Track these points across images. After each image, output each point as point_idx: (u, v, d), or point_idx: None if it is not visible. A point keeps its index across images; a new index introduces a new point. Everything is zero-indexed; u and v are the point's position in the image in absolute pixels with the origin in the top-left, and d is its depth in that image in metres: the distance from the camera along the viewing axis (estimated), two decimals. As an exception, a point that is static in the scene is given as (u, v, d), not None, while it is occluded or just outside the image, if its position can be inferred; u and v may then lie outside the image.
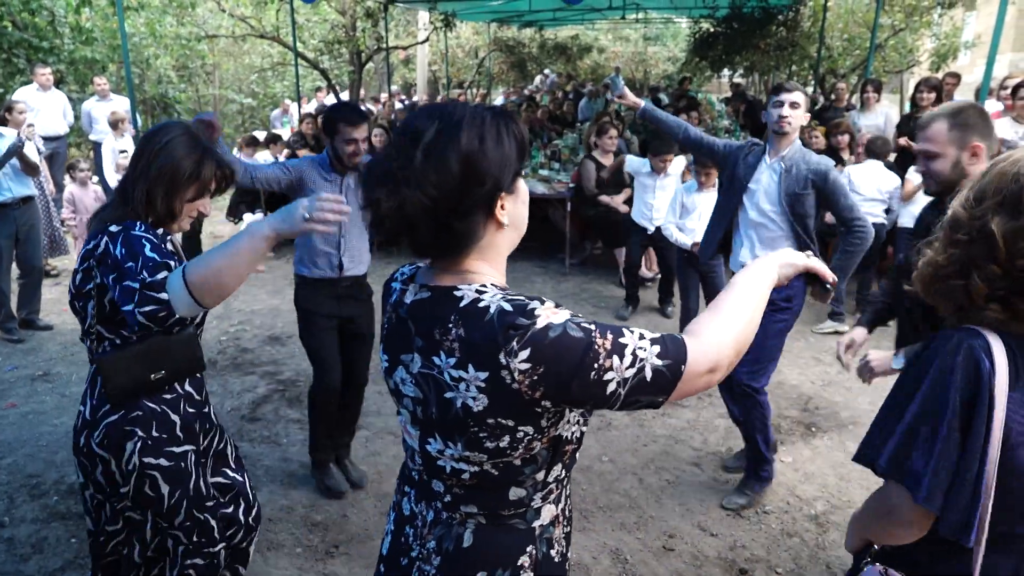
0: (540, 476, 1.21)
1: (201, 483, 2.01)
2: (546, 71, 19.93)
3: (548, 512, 1.26)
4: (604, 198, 6.12)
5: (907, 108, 8.79)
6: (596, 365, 1.05)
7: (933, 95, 6.28)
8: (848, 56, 12.36)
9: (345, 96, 13.98)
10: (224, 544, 2.11)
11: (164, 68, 12.55)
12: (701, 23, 11.80)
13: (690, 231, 4.63)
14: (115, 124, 6.98)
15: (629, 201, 5.90)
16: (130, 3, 10.12)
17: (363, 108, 3.26)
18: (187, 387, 2.01)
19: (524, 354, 1.05)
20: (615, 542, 2.95)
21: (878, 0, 9.01)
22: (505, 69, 19.50)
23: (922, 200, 5.27)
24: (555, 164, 7.88)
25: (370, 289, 3.24)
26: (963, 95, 8.15)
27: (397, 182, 1.06)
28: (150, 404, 1.92)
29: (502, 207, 1.13)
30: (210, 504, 2.04)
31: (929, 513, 1.19)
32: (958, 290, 1.23)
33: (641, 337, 1.09)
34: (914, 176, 5.35)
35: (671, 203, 4.82)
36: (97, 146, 8.20)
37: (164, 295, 1.59)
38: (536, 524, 1.25)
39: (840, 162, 6.52)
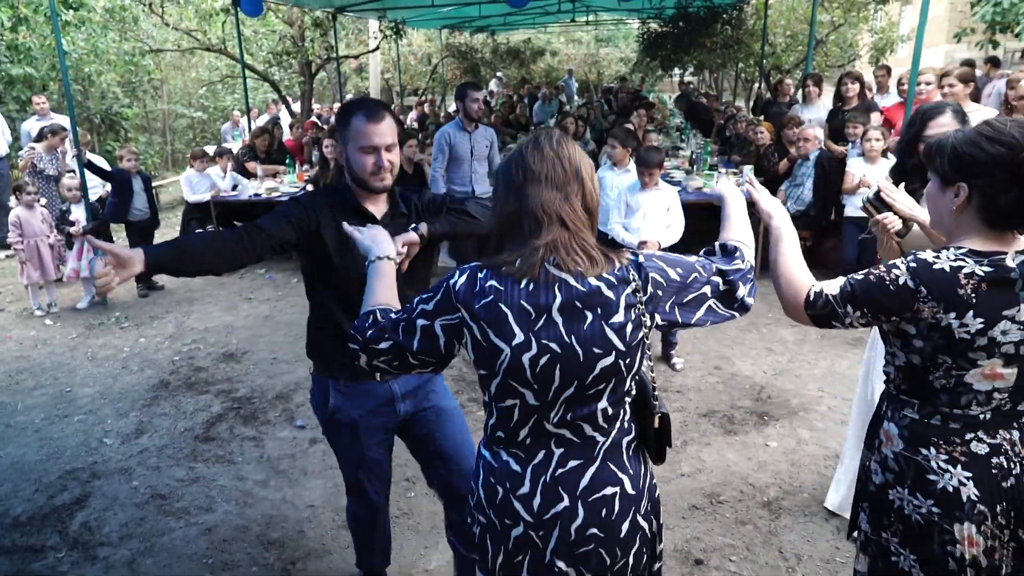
0: None
1: None
2: (498, 74, 19.99)
3: None
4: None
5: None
6: None
7: (857, 86, 6.49)
8: (791, 52, 12.65)
9: (297, 108, 13.84)
10: None
11: (108, 84, 12.26)
12: (649, 24, 11.97)
13: (635, 230, 4.64)
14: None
15: None
16: (69, 19, 9.88)
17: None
18: None
19: None
20: (573, 541, 2.97)
21: (815, -4, 9.25)
22: (459, 75, 19.49)
23: (864, 192, 5.43)
24: (509, 168, 7.90)
25: None
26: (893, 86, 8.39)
27: None
28: None
29: None
30: None
31: None
32: None
33: None
34: (854, 168, 5.51)
35: (615, 202, 4.79)
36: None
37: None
38: None
39: (786, 155, 6.68)
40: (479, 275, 1.42)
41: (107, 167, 6.72)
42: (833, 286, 1.66)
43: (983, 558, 1.57)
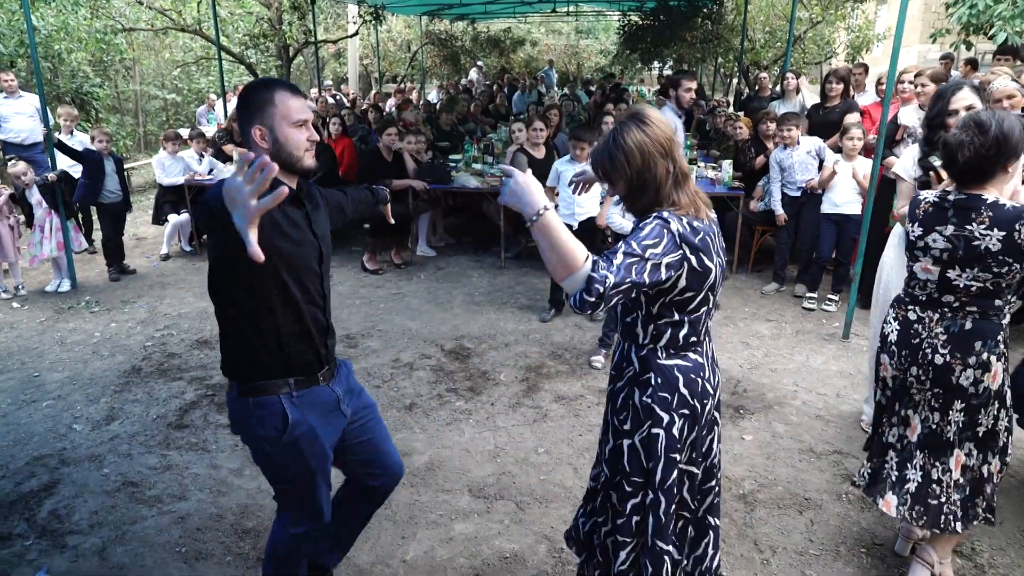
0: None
1: None
2: (478, 63, 19.87)
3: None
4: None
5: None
6: None
7: (841, 86, 6.51)
8: (770, 48, 12.75)
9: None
10: None
11: (79, 63, 11.96)
12: (630, 16, 11.98)
13: (580, 204, 4.98)
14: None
15: None
16: (38, -5, 9.62)
17: None
18: None
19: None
20: (551, 532, 2.98)
21: (796, -7, 9.32)
22: (438, 62, 19.36)
23: (841, 185, 5.49)
24: (488, 158, 7.87)
25: None
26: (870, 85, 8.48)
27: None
28: None
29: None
30: None
31: None
32: None
33: None
34: (830, 163, 5.57)
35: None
36: (6, 146, 7.79)
37: None
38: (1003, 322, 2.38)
39: (764, 150, 6.73)
40: (684, 218, 1.84)
41: (78, 148, 6.56)
42: None
43: (890, 380, 2.59)
